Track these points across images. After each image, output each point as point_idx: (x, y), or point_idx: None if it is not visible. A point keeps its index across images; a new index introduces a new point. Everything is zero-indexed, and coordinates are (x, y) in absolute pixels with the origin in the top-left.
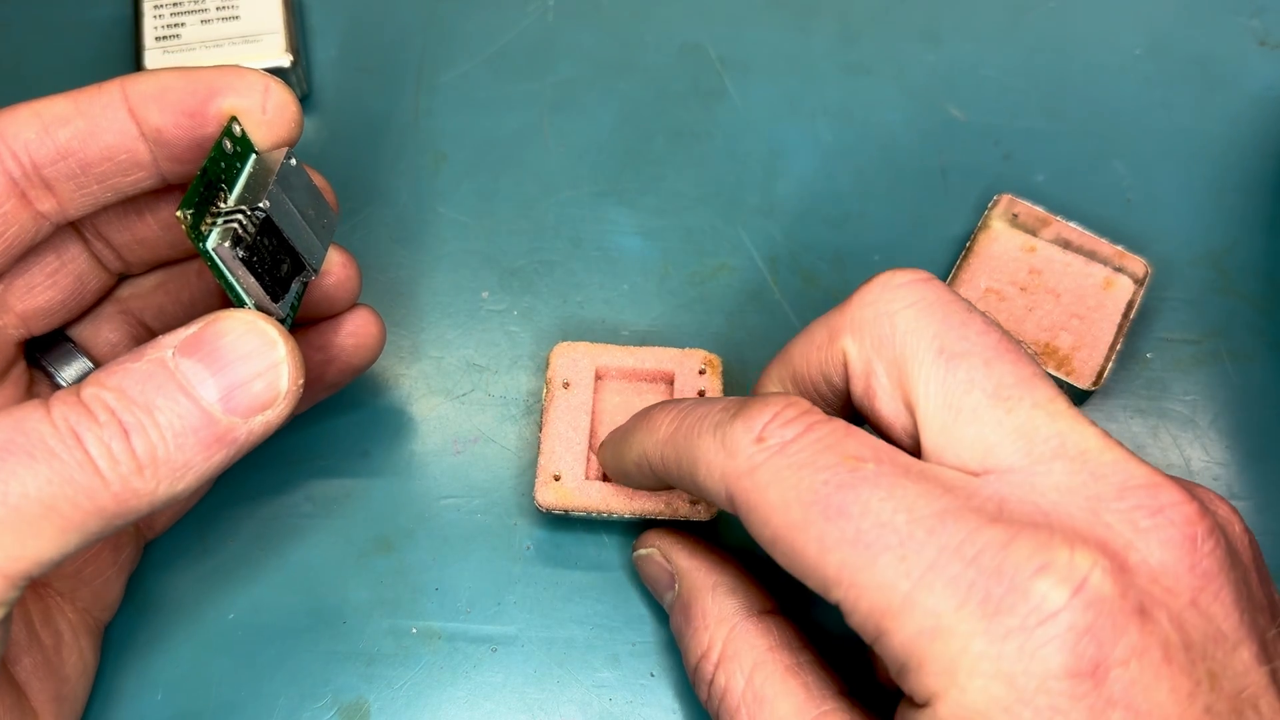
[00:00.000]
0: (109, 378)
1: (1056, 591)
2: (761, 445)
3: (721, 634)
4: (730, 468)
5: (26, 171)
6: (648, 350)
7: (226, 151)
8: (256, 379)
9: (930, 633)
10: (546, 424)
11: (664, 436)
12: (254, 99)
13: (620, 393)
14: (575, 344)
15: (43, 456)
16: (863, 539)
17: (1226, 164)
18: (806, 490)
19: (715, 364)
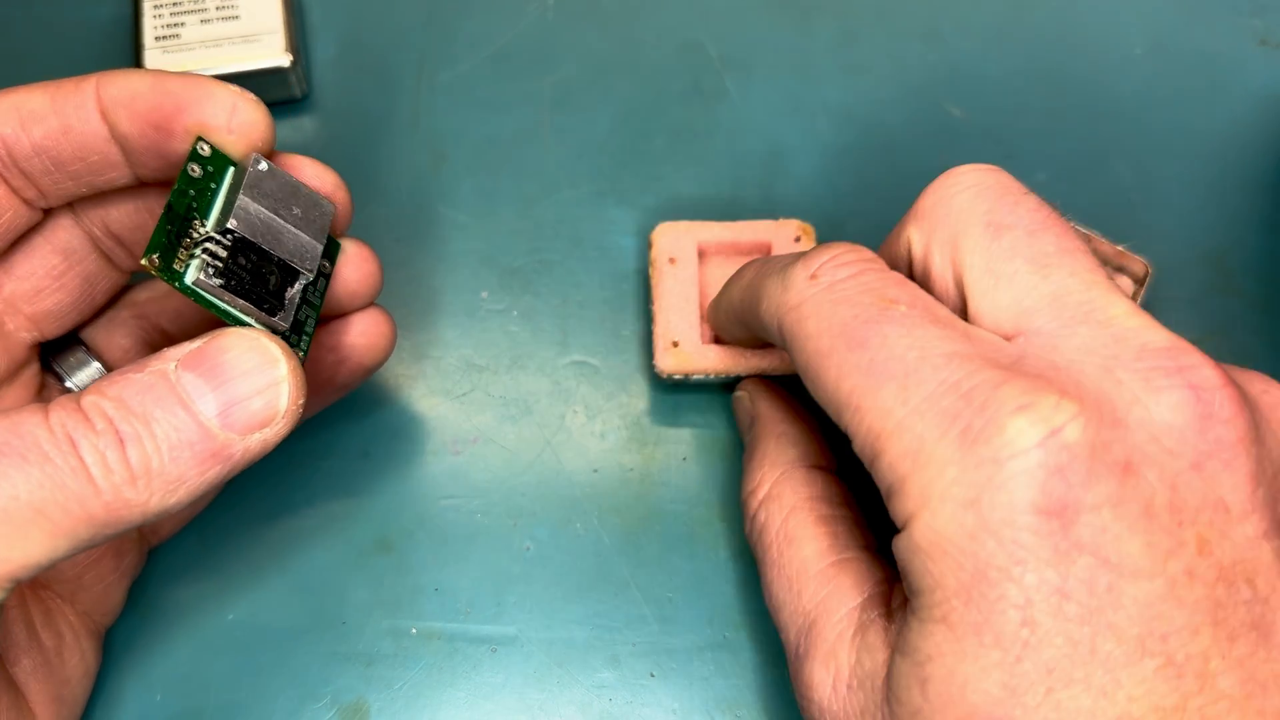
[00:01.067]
0: (110, 387)
1: (1032, 430)
2: (813, 282)
3: (772, 476)
4: (783, 301)
5: (5, 163)
6: (744, 224)
7: (194, 177)
8: (256, 396)
9: (912, 455)
10: (659, 297)
11: (745, 283)
12: (220, 116)
13: (721, 267)
14: (676, 223)
15: (36, 460)
16: (874, 368)
17: (1227, 163)
18: (837, 322)
19: (809, 232)
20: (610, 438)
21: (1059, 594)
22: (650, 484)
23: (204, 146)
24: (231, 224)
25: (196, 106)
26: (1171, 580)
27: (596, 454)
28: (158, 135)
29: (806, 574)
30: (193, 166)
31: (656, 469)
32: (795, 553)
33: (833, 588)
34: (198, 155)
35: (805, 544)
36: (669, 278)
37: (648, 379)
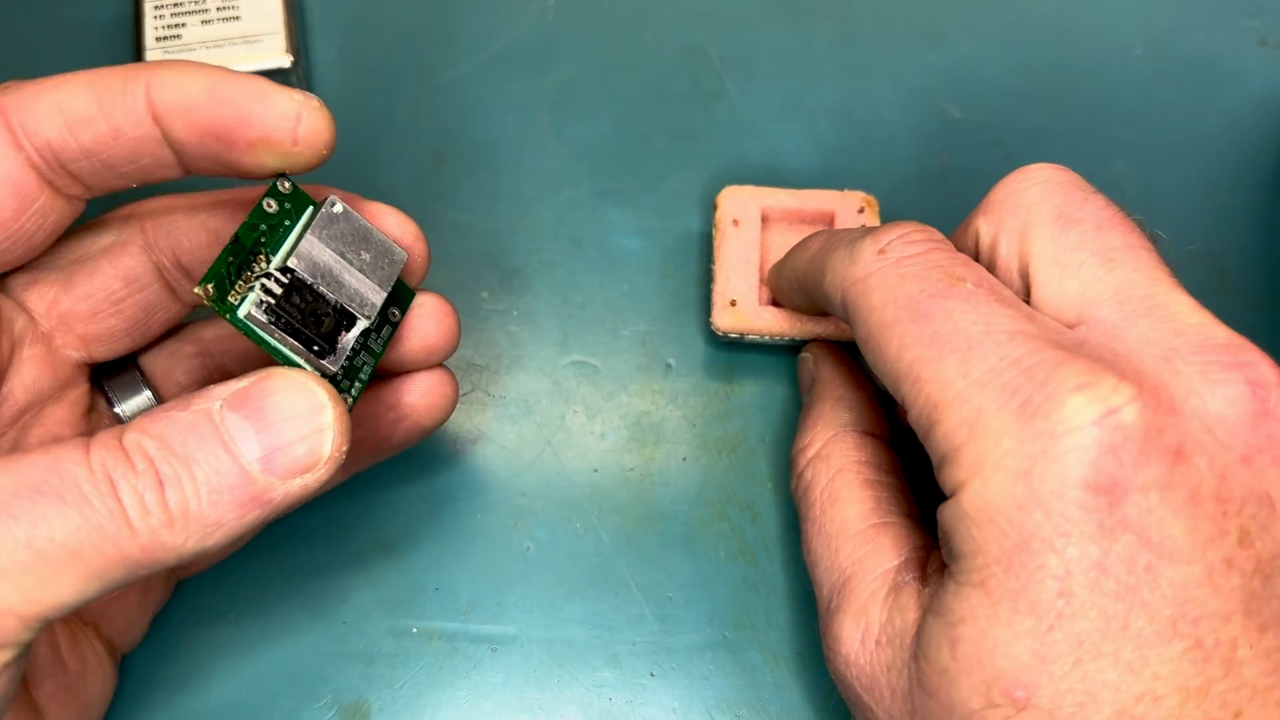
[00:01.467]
0: (153, 424)
1: (1089, 408)
2: (881, 256)
3: (824, 436)
4: (849, 273)
5: (51, 165)
6: (808, 192)
7: (268, 212)
8: (300, 442)
9: (969, 425)
10: (720, 257)
11: (811, 253)
12: (286, 127)
13: (783, 234)
14: (742, 187)
15: (74, 501)
16: (937, 339)
17: (1226, 163)
18: (903, 295)
19: (873, 204)
20: (610, 438)
21: (1098, 569)
22: (650, 484)
23: (285, 184)
24: (291, 262)
25: (260, 120)
26: (1210, 567)
27: (596, 454)
28: (218, 145)
29: (846, 533)
30: (269, 201)
31: (656, 469)
32: (837, 512)
33: (871, 548)
34: (277, 191)
35: (849, 505)
36: (731, 239)
37: (648, 377)
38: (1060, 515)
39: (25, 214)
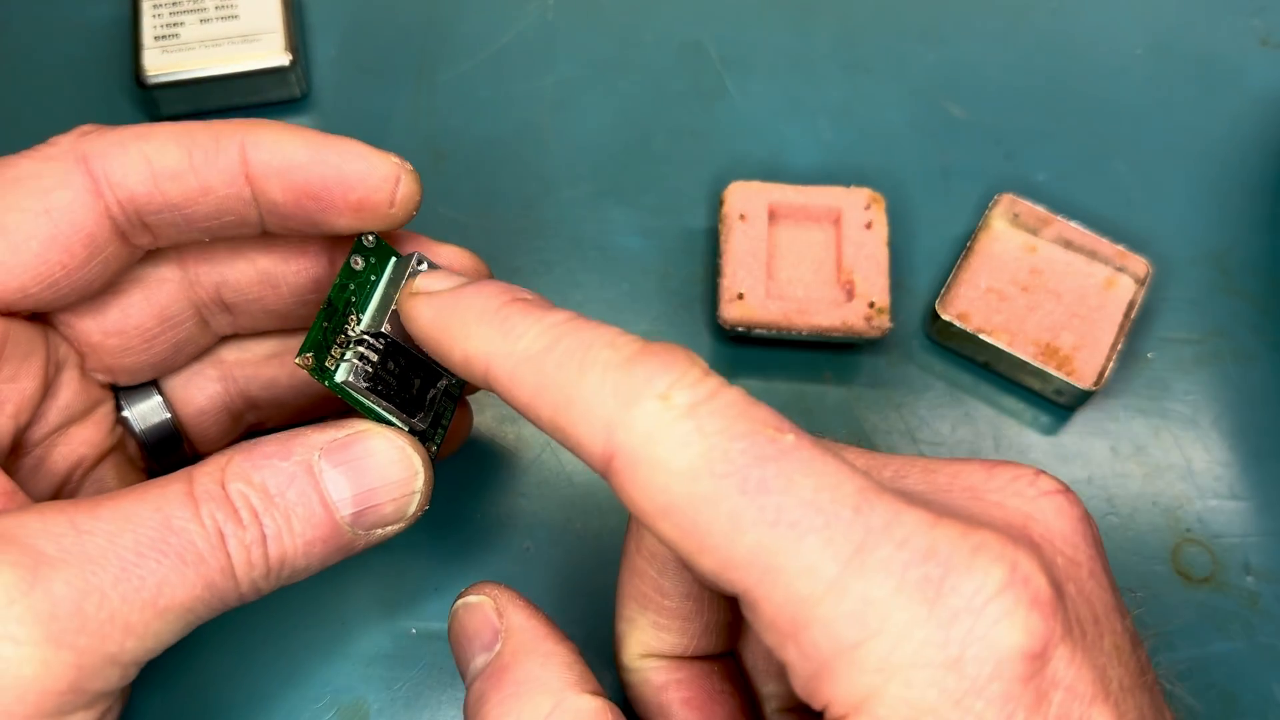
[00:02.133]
0: (255, 471)
1: (996, 569)
2: (666, 404)
3: (541, 708)
4: (622, 422)
5: (129, 215)
6: (816, 189)
7: (355, 270)
8: (390, 503)
9: (860, 620)
10: (727, 251)
11: (525, 352)
12: (384, 190)
13: (790, 231)
14: (749, 183)
15: (192, 561)
16: (785, 518)
17: (1228, 163)
18: (720, 460)
19: (879, 200)
20: None
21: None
22: None
23: (369, 238)
24: (386, 329)
25: (360, 182)
26: (1115, 700)
27: None
28: (314, 206)
29: None
30: (356, 259)
31: None
32: None
33: None
34: (362, 247)
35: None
36: (738, 233)
37: None
38: (1002, 697)
39: (92, 262)
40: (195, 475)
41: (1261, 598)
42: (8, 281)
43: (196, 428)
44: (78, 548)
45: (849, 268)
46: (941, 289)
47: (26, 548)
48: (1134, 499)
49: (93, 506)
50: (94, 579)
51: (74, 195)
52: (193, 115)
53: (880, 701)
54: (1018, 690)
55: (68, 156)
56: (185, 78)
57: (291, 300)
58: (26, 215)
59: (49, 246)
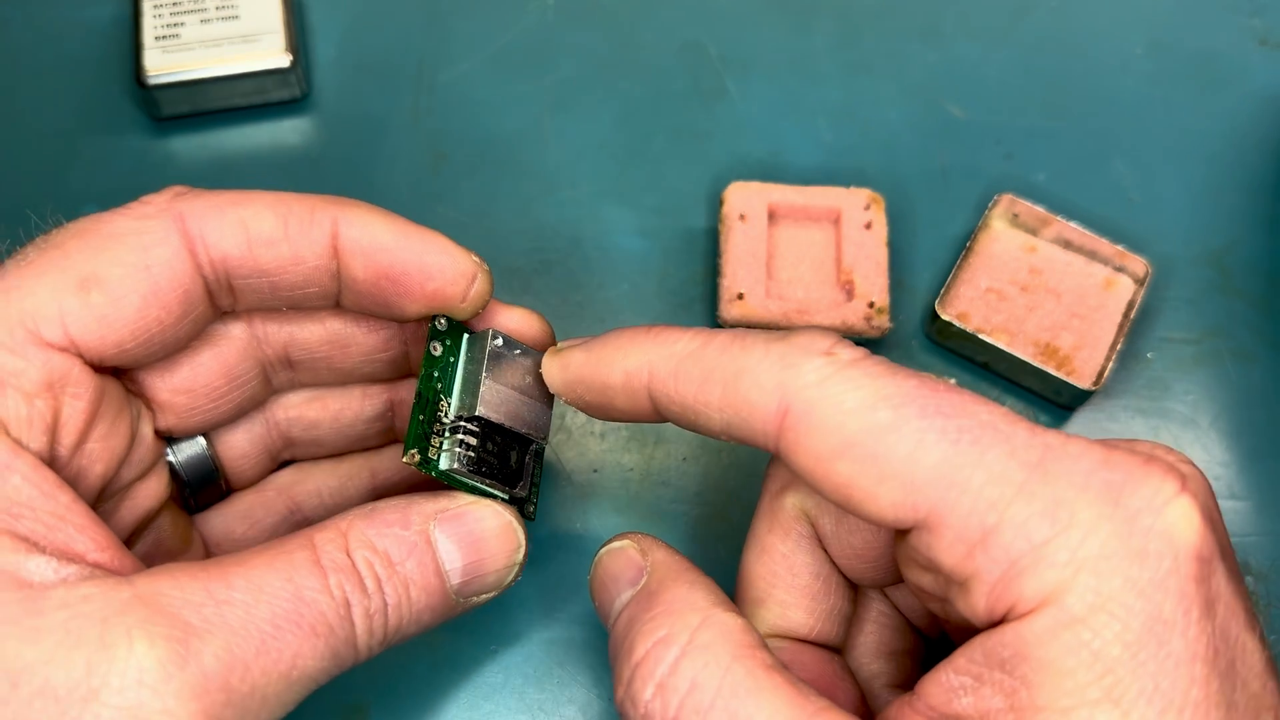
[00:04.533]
0: (380, 539)
1: (1170, 478)
2: (832, 358)
3: (690, 622)
4: (794, 376)
5: (220, 277)
6: (815, 189)
7: (435, 357)
8: (494, 573)
9: (1050, 516)
10: (727, 250)
11: (684, 352)
12: (460, 285)
13: (790, 231)
14: (748, 183)
15: (323, 634)
16: (966, 437)
17: (1227, 163)
18: (895, 393)
19: (879, 200)
20: (610, 438)
21: (1214, 648)
22: (650, 484)
23: (442, 321)
24: (481, 410)
25: (439, 273)
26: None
27: (596, 454)
28: (392, 289)
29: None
30: (434, 345)
31: (656, 469)
32: (754, 711)
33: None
34: (437, 331)
35: (765, 696)
36: (738, 233)
37: None
38: (1179, 593)
39: (184, 320)
40: (318, 542)
41: (1261, 597)
42: (107, 336)
43: (237, 469)
44: (219, 618)
45: (849, 268)
46: (941, 289)
47: (174, 618)
48: None
49: (222, 573)
50: (238, 651)
51: (172, 252)
52: (193, 115)
53: (1069, 591)
54: (1192, 589)
55: (164, 215)
56: (186, 78)
57: (359, 359)
58: (128, 270)
59: (148, 302)
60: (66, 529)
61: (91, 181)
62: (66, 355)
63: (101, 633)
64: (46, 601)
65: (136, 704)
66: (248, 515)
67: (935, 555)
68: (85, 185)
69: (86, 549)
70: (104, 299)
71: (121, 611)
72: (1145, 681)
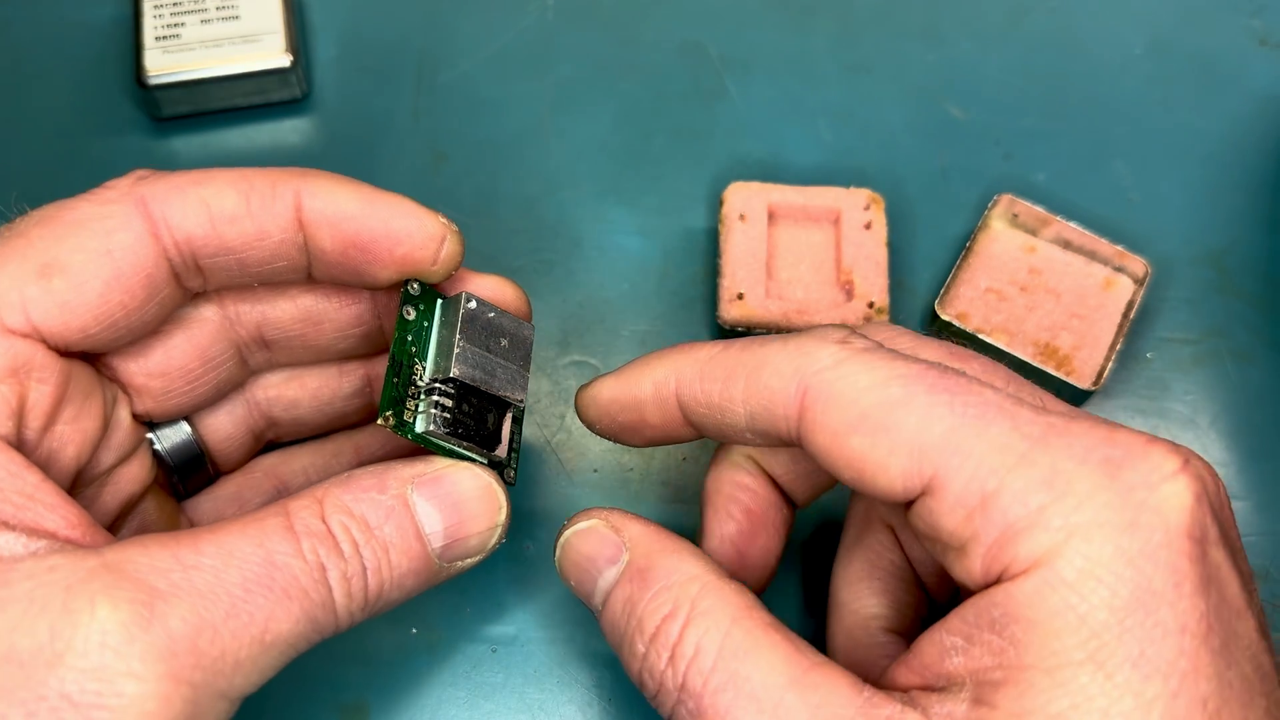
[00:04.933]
0: (355, 503)
1: (1171, 458)
2: (844, 345)
3: (690, 591)
4: (807, 364)
5: (185, 258)
6: (815, 189)
7: (408, 320)
8: (476, 535)
9: (1048, 484)
10: (727, 251)
11: (707, 356)
12: (430, 248)
13: (790, 231)
14: (748, 183)
15: (297, 596)
16: (973, 411)
17: (1227, 163)
18: (906, 372)
19: (878, 201)
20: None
21: (1207, 624)
22: (650, 484)
23: (414, 286)
24: (455, 372)
25: (407, 238)
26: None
27: (596, 454)
28: (361, 257)
29: (778, 686)
30: (407, 309)
31: (656, 469)
32: (753, 669)
33: (825, 691)
34: (410, 296)
35: (762, 655)
36: (738, 233)
37: None
38: (1169, 567)
39: (150, 303)
40: (292, 509)
41: (1261, 597)
42: (70, 321)
43: (222, 451)
44: (187, 582)
45: (848, 268)
46: (941, 289)
47: (139, 583)
48: None
49: (193, 540)
50: (206, 614)
51: (134, 237)
52: (194, 115)
53: (1060, 556)
54: (1184, 565)
55: (126, 199)
56: (186, 78)
57: (334, 336)
58: (90, 256)
59: (111, 287)
60: (36, 508)
61: (92, 182)
62: (29, 341)
63: (65, 599)
64: (14, 574)
65: (100, 666)
66: (237, 498)
67: (936, 520)
68: (85, 185)
69: (57, 526)
70: (66, 285)
71: (86, 579)
72: (1131, 647)
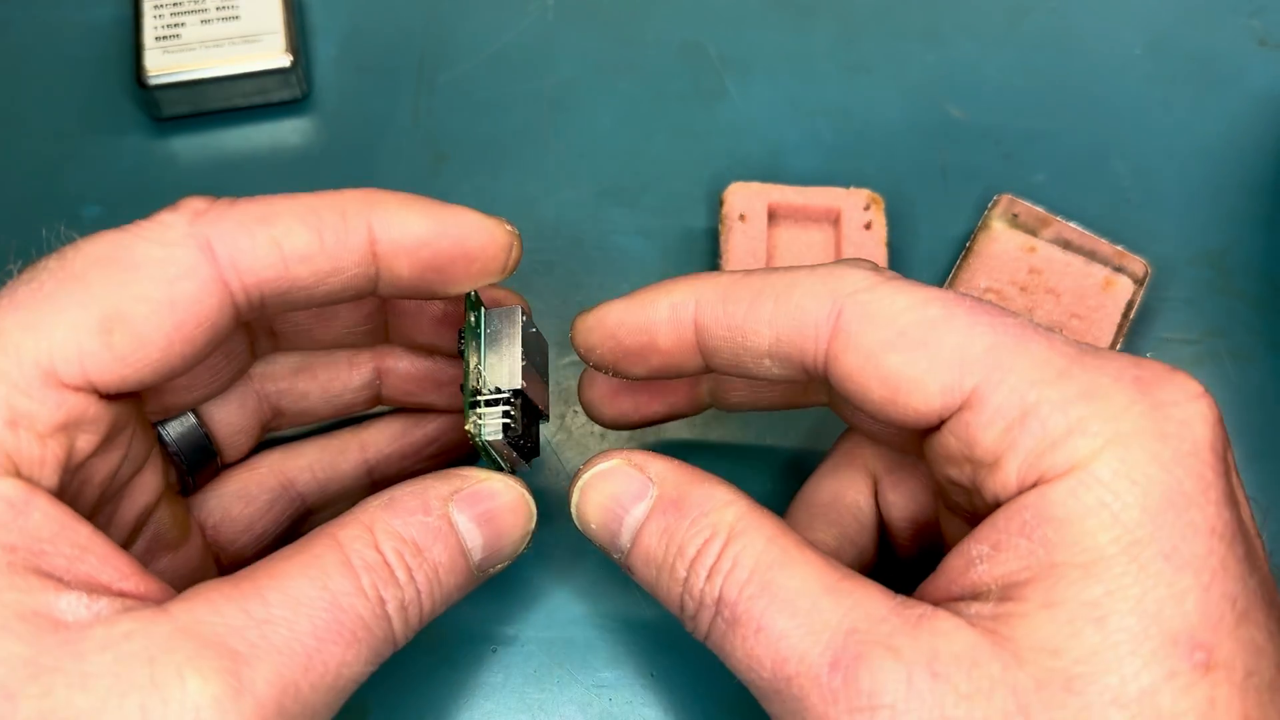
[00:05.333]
0: (405, 526)
1: (1192, 383)
2: (877, 272)
3: (728, 516)
4: (841, 286)
5: (253, 300)
6: (815, 189)
7: (474, 327)
8: (510, 546)
9: (1089, 396)
10: (727, 251)
11: (731, 280)
12: (501, 260)
13: (789, 232)
14: (748, 183)
15: (365, 639)
16: (1010, 332)
17: (1226, 163)
18: (943, 295)
19: (878, 201)
20: (610, 438)
21: (1232, 530)
22: None
23: (474, 292)
24: (522, 385)
25: (482, 253)
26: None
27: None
28: (437, 279)
29: (812, 593)
30: (472, 316)
31: None
32: (787, 579)
33: (859, 596)
34: (473, 303)
35: (798, 568)
36: (738, 234)
37: None
38: (1198, 475)
39: (208, 349)
40: (344, 540)
41: None
42: (127, 375)
43: (231, 444)
44: (264, 641)
45: None
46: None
47: (221, 648)
48: None
49: (256, 589)
50: (287, 673)
51: (199, 285)
52: (194, 115)
53: (1098, 459)
54: (1210, 474)
55: (189, 243)
56: (186, 78)
57: (342, 331)
58: (153, 308)
59: (173, 339)
60: (90, 560)
61: (92, 182)
62: (82, 395)
63: (151, 673)
64: (87, 643)
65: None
66: (243, 494)
67: (974, 434)
68: (86, 186)
69: (111, 579)
70: (126, 340)
71: (167, 648)
72: (1164, 543)
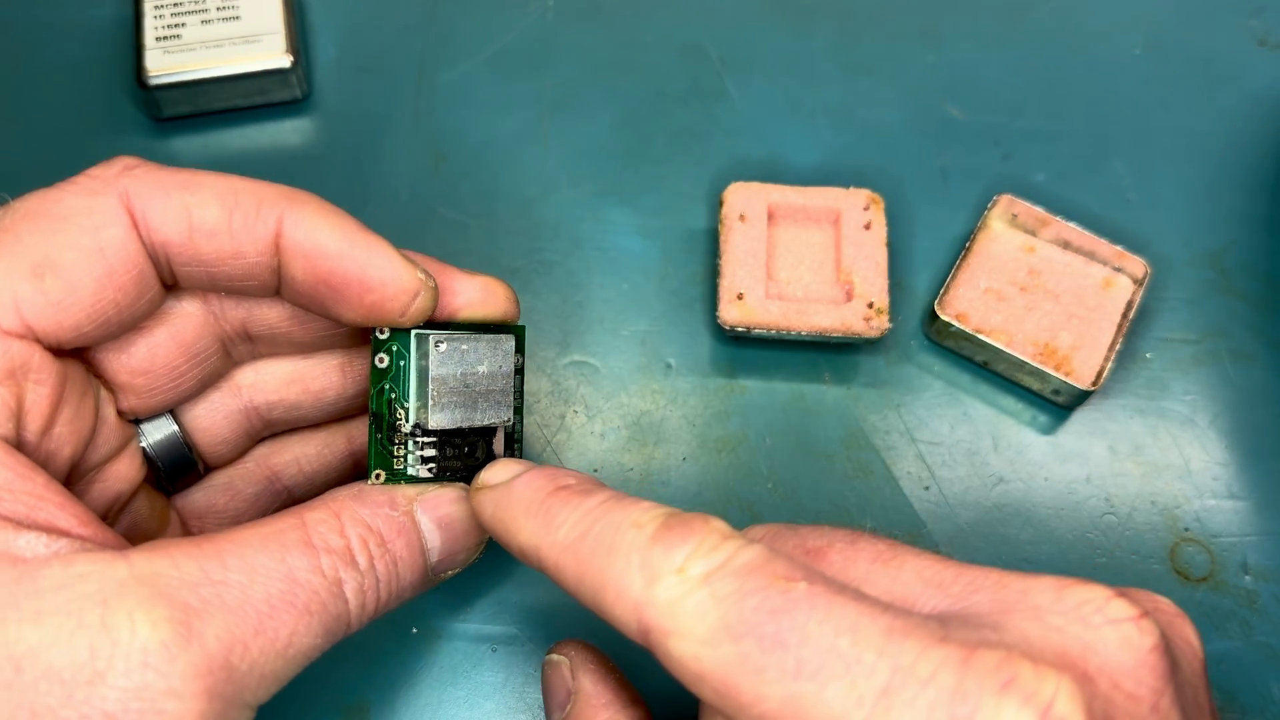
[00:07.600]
0: (372, 517)
1: (1026, 710)
2: (683, 577)
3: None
4: (646, 599)
5: (162, 260)
6: (815, 189)
7: (381, 369)
8: (464, 553)
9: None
10: (727, 251)
11: (565, 542)
12: (400, 302)
13: (789, 232)
14: (748, 183)
15: (317, 612)
16: (805, 669)
17: (1226, 163)
18: (736, 622)
19: (878, 201)
20: (610, 438)
21: None
22: (650, 484)
23: (383, 331)
24: (433, 424)
25: (380, 287)
26: None
27: (596, 454)
28: (330, 295)
29: None
30: (379, 358)
31: (656, 469)
32: None
33: None
34: (379, 342)
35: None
36: (737, 234)
37: (648, 377)
38: None
39: (141, 299)
40: (309, 521)
41: (1259, 597)
42: (64, 320)
43: (216, 454)
44: (218, 599)
45: (848, 268)
46: (940, 289)
47: (173, 599)
48: (1132, 499)
49: (216, 552)
50: (237, 631)
51: (123, 233)
52: (194, 116)
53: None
54: None
55: (110, 191)
56: (187, 79)
57: (320, 333)
58: (81, 253)
59: (103, 284)
60: (47, 507)
61: None
62: (25, 342)
63: (103, 614)
64: (43, 581)
65: (142, 685)
66: (228, 487)
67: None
68: None
69: (70, 525)
70: (59, 284)
71: (120, 592)
72: None
